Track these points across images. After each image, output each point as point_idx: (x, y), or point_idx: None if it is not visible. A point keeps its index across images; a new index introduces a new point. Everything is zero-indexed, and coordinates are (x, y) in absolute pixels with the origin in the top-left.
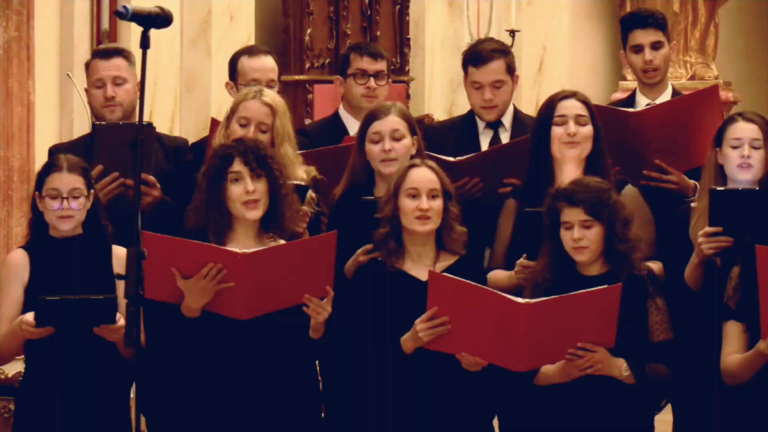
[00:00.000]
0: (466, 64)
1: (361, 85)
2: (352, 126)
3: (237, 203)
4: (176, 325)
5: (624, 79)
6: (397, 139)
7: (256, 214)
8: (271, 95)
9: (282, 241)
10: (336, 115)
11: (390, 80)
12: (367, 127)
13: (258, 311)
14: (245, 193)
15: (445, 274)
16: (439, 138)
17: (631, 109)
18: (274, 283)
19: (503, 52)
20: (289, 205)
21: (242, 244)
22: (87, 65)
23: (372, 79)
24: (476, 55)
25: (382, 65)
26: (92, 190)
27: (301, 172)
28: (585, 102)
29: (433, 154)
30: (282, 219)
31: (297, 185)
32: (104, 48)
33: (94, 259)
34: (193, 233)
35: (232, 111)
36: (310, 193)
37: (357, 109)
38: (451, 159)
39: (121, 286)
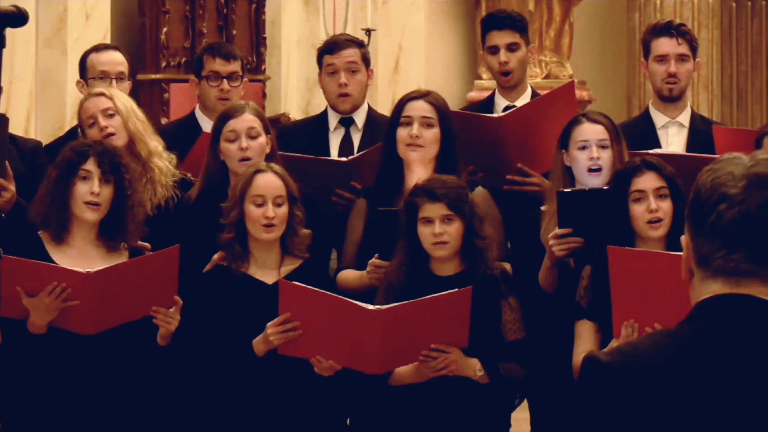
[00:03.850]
0: (321, 56)
1: (214, 87)
2: (208, 127)
3: (79, 202)
4: (23, 341)
5: (479, 78)
6: (253, 137)
7: (93, 216)
8: (105, 86)
9: (122, 249)
10: (192, 116)
11: (245, 81)
12: (221, 126)
13: (104, 326)
14: (90, 193)
15: (295, 283)
16: (291, 137)
17: (492, 115)
18: (119, 298)
19: (359, 43)
20: (132, 218)
21: (79, 246)
22: None
23: (225, 81)
24: (331, 44)
25: (235, 66)
26: None
27: (163, 162)
28: (434, 104)
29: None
30: (123, 230)
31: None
32: None
33: None
34: (30, 230)
35: (79, 117)
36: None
37: (212, 110)
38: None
39: None
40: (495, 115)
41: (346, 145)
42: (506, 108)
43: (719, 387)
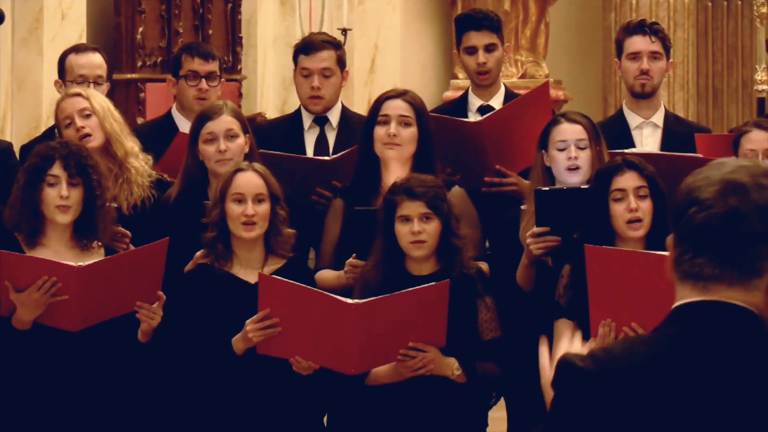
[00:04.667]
0: (296, 55)
1: (192, 86)
2: (185, 127)
3: (50, 206)
4: (7, 337)
5: (455, 77)
6: (232, 139)
7: (65, 218)
8: (82, 87)
9: (97, 245)
10: (168, 116)
11: (223, 81)
12: (199, 127)
13: (90, 322)
14: (59, 197)
15: (274, 276)
16: (266, 136)
17: (469, 119)
18: (107, 293)
19: (335, 44)
20: (103, 217)
21: (54, 248)
22: None
23: (203, 80)
24: (307, 44)
25: (213, 66)
26: None
27: (139, 163)
28: (411, 103)
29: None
30: (95, 229)
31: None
32: None
33: None
34: (6, 231)
35: (56, 117)
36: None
37: (189, 110)
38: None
39: None
40: (473, 119)
41: (321, 144)
42: (480, 107)
43: (692, 392)
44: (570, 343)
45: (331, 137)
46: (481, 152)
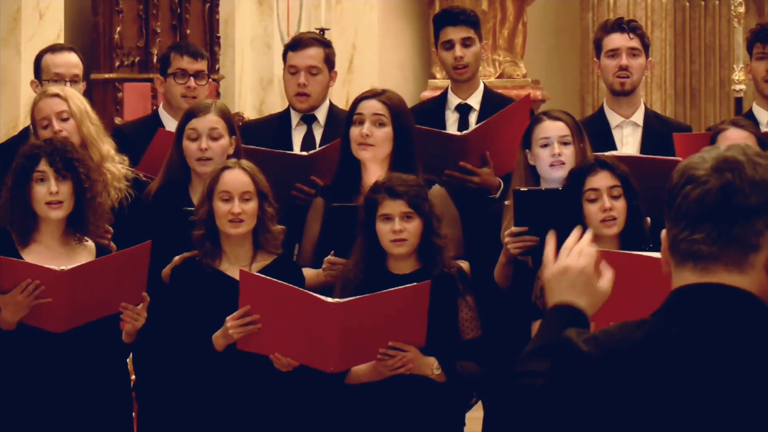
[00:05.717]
0: (286, 52)
1: (180, 84)
2: (172, 125)
3: (41, 203)
4: None
5: (433, 77)
6: (215, 138)
7: (58, 214)
8: (60, 87)
9: (88, 242)
10: (155, 114)
11: (210, 80)
12: (185, 124)
13: (75, 323)
14: (48, 194)
15: (255, 273)
16: (254, 135)
17: (455, 133)
18: (90, 295)
19: (324, 43)
20: (94, 210)
21: (47, 244)
22: None
23: (192, 78)
24: (296, 41)
25: (202, 65)
26: None
27: (115, 167)
28: (386, 102)
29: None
30: (86, 222)
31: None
32: None
33: None
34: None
35: (32, 117)
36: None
37: (177, 108)
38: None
39: None
40: (452, 118)
41: (308, 142)
42: (459, 105)
43: (690, 376)
44: None
45: (318, 135)
46: (464, 161)
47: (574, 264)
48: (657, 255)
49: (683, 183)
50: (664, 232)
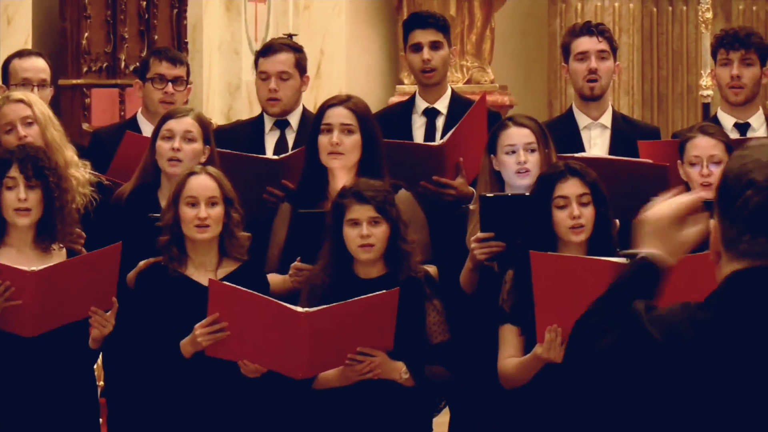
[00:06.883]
0: (257, 59)
1: (158, 89)
2: (149, 130)
3: (9, 210)
4: None
5: (401, 83)
6: (188, 141)
7: (24, 221)
8: (22, 91)
9: (58, 247)
10: (134, 119)
11: (189, 87)
12: (161, 125)
13: (45, 328)
14: (17, 200)
15: (224, 282)
16: (227, 139)
17: (431, 144)
18: (61, 298)
19: (294, 48)
20: (62, 219)
21: (17, 249)
22: None
23: (170, 84)
24: (267, 47)
25: (181, 71)
26: None
27: (79, 173)
28: (353, 109)
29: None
30: (54, 230)
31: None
32: None
33: None
34: None
35: None
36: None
37: (154, 113)
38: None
39: None
40: (418, 122)
41: (280, 147)
42: (426, 110)
43: (754, 356)
44: (515, 350)
45: (291, 140)
46: (440, 171)
47: (655, 211)
48: (621, 260)
49: (743, 186)
50: (712, 222)
